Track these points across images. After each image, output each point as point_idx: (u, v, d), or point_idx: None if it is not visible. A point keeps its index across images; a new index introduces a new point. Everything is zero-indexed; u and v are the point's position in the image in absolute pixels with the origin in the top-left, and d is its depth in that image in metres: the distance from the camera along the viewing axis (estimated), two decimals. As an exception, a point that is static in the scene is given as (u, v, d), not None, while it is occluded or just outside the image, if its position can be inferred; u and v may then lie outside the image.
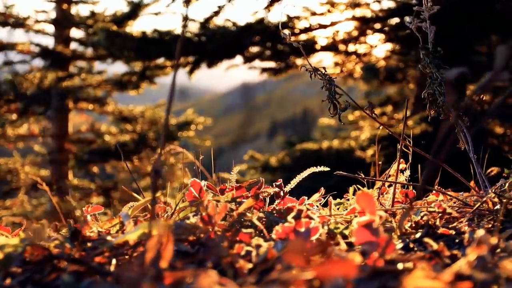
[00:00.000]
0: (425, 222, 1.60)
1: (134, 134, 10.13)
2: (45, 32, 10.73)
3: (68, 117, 10.66)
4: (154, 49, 6.19)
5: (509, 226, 1.59)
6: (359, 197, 1.36)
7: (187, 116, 10.88)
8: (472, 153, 1.99)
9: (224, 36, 5.85)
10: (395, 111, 9.70)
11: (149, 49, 6.21)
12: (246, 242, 1.48)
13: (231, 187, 2.06)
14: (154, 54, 6.42)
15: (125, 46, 6.15)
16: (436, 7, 2.34)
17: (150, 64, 7.25)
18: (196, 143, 10.93)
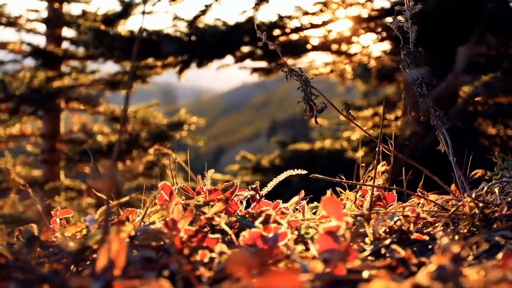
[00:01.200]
0: (398, 227, 1.56)
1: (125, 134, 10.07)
2: (36, 32, 10.68)
3: (60, 117, 10.61)
4: (142, 49, 6.13)
5: (485, 231, 1.54)
6: (325, 202, 1.32)
7: (180, 116, 10.84)
8: (451, 156, 1.95)
9: (214, 35, 5.80)
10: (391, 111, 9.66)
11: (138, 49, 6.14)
12: (213, 248, 1.43)
13: (206, 190, 2.02)
14: (142, 54, 6.36)
15: (113, 45, 6.09)
16: (418, 7, 2.30)
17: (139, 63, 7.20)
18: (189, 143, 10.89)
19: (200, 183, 4.26)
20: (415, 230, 1.58)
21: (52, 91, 8.89)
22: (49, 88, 8.82)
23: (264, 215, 1.49)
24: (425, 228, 1.64)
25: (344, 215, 1.27)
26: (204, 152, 67.77)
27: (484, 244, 1.40)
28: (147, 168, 9.77)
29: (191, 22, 5.92)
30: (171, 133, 10.30)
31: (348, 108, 1.83)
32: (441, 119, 2.07)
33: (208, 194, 1.99)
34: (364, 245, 1.51)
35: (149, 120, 10.57)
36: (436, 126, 2.03)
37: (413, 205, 1.83)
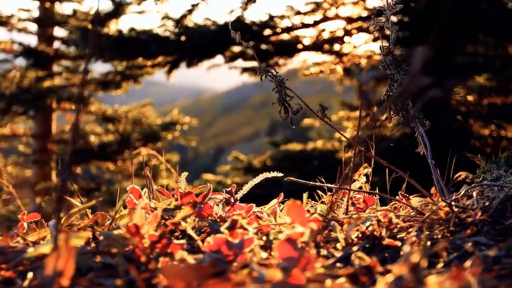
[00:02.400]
0: (370, 232, 1.51)
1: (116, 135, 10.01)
2: (28, 31, 10.62)
3: (52, 117, 10.54)
4: (130, 49, 6.08)
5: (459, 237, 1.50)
6: (289, 207, 1.27)
7: (172, 116, 10.78)
8: (430, 158, 1.91)
9: (203, 35, 5.75)
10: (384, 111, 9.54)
11: (126, 49, 6.10)
12: (177, 254, 1.39)
13: (180, 193, 1.98)
14: (131, 53, 6.31)
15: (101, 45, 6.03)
16: (399, 6, 2.26)
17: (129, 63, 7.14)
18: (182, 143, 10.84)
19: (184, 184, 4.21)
20: (387, 236, 1.53)
21: (42, 91, 8.82)
22: (39, 88, 8.76)
23: (230, 220, 1.44)
24: (399, 233, 1.59)
25: (308, 221, 1.22)
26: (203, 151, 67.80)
27: (450, 250, 1.36)
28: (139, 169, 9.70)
29: (178, 21, 5.87)
30: (164, 134, 10.25)
31: (324, 109, 1.79)
32: (421, 120, 2.03)
33: (181, 197, 1.95)
34: (335, 251, 1.47)
35: (142, 120, 10.52)
36: (415, 128, 1.99)
37: (388, 209, 1.79)
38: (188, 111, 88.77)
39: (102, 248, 1.42)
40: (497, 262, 1.26)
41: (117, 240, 1.41)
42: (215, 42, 5.96)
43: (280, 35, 6.64)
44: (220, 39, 5.95)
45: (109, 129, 10.59)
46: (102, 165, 10.23)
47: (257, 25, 6.25)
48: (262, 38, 6.53)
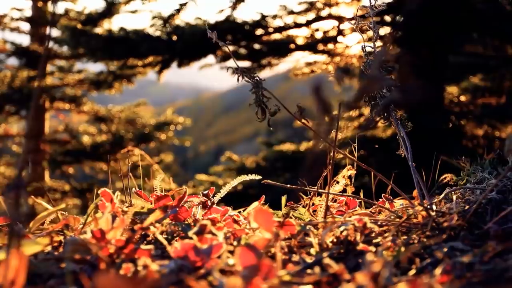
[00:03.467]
0: (344, 237, 1.47)
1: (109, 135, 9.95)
2: (20, 30, 10.56)
3: (45, 116, 10.48)
4: (120, 49, 6.03)
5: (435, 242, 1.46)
6: (256, 213, 1.23)
7: (166, 116, 10.72)
8: (410, 161, 1.87)
9: (193, 34, 5.70)
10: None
11: (115, 49, 6.05)
12: (144, 260, 1.35)
13: (156, 196, 1.94)
14: (120, 53, 6.25)
15: (90, 45, 5.99)
16: (383, 6, 2.23)
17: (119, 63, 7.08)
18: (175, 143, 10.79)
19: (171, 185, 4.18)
20: (362, 240, 1.49)
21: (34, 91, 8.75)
22: (30, 88, 8.70)
23: (199, 225, 1.40)
24: (375, 238, 1.55)
25: (274, 227, 1.18)
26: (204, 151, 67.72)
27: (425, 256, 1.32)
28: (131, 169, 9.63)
29: (166, 21, 5.82)
30: (157, 134, 10.19)
31: (301, 111, 1.75)
32: (402, 122, 1.99)
33: (157, 200, 1.91)
34: (308, 256, 1.43)
35: (136, 120, 10.46)
36: (397, 130, 1.96)
37: (366, 213, 1.75)
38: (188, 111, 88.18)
39: (66, 254, 1.37)
40: (471, 268, 1.22)
41: (82, 245, 1.36)
42: (206, 41, 5.90)
43: (272, 34, 6.60)
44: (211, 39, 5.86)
45: (102, 129, 10.53)
46: (95, 165, 10.18)
47: (249, 25, 6.20)
48: (254, 38, 6.49)
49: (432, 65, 6.54)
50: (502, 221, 1.56)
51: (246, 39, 6.31)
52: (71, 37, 6.21)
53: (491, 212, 1.61)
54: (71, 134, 10.42)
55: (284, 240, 1.54)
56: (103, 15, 8.68)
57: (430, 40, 6.45)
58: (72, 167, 10.24)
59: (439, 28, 6.21)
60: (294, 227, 1.55)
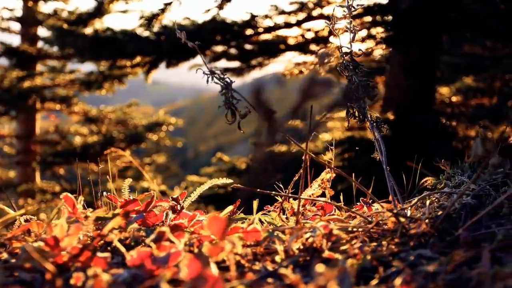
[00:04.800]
0: (309, 244, 1.43)
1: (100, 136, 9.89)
2: (11, 30, 10.49)
3: (35, 117, 10.41)
4: (107, 49, 5.96)
5: (404, 249, 1.42)
6: (209, 221, 1.18)
7: (158, 116, 10.66)
8: (385, 165, 1.82)
9: (181, 34, 5.60)
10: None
11: (102, 49, 5.99)
12: (102, 268, 1.30)
13: (124, 200, 1.88)
14: (107, 54, 6.19)
15: (77, 45, 5.92)
16: (360, 6, 2.18)
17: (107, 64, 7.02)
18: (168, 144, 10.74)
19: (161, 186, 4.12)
20: (329, 248, 1.45)
21: (23, 91, 8.69)
22: (20, 88, 8.63)
23: (157, 232, 1.35)
24: (343, 245, 1.51)
25: (227, 235, 1.13)
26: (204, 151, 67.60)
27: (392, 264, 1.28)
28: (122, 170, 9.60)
29: (150, 20, 5.75)
30: (148, 134, 10.13)
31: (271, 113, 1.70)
32: (378, 125, 1.95)
33: (125, 205, 1.86)
34: (271, 264, 1.38)
35: (127, 120, 10.39)
36: (372, 133, 1.91)
37: (337, 218, 1.70)
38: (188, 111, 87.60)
39: (19, 263, 1.32)
40: (435, 278, 1.18)
41: (35, 253, 1.31)
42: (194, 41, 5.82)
43: (262, 35, 6.55)
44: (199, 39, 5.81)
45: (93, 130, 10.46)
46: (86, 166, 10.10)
47: (238, 25, 6.15)
48: (244, 38, 6.43)
49: (422, 66, 6.51)
50: (475, 227, 1.52)
51: (235, 39, 6.26)
52: (57, 37, 6.16)
53: (464, 218, 1.57)
54: (61, 135, 10.35)
55: (250, 247, 1.50)
56: (93, 15, 8.62)
57: (421, 40, 6.41)
58: (63, 168, 10.17)
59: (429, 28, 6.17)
60: (260, 233, 1.51)
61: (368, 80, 2.01)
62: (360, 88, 1.98)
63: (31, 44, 10.45)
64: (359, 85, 1.99)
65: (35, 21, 10.26)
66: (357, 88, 1.98)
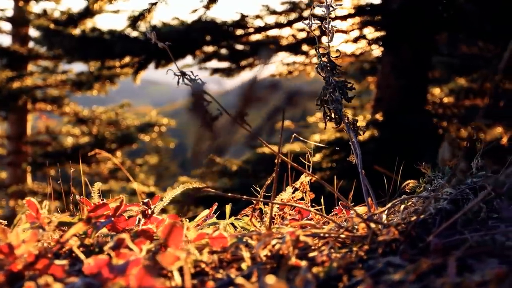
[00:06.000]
0: (275, 251, 1.38)
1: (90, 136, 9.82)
2: (2, 30, 10.42)
3: (27, 118, 10.34)
4: (94, 49, 5.91)
5: (373, 256, 1.37)
6: (165, 228, 1.14)
7: (151, 117, 10.60)
8: (360, 168, 1.78)
9: (168, 35, 5.58)
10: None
11: (89, 49, 5.94)
12: (58, 276, 1.26)
13: (94, 205, 1.84)
14: (95, 54, 6.14)
15: (64, 45, 5.87)
16: (338, 5, 2.15)
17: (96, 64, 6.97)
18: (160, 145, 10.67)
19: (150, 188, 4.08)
20: (297, 254, 1.40)
21: (13, 92, 8.63)
22: (10, 89, 8.56)
23: (116, 239, 1.30)
24: (312, 251, 1.46)
25: (182, 244, 1.09)
26: (203, 151, 67.45)
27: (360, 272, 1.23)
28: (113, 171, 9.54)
29: (135, 20, 5.70)
30: (140, 135, 10.06)
31: (243, 115, 1.65)
32: (354, 127, 1.91)
33: (94, 209, 1.82)
34: (237, 272, 1.34)
35: (119, 121, 10.33)
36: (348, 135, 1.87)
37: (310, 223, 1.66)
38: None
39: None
40: (400, 287, 1.14)
41: (-9, 261, 1.27)
42: (183, 42, 5.81)
43: (253, 35, 6.51)
44: (189, 39, 5.80)
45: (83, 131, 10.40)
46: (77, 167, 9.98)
47: (228, 25, 6.10)
48: (234, 38, 6.39)
49: (414, 66, 6.47)
50: (449, 233, 1.48)
51: (226, 39, 6.22)
52: (44, 37, 6.10)
53: (439, 224, 1.53)
54: (51, 136, 10.28)
55: (217, 253, 1.46)
56: (84, 15, 8.56)
57: (412, 40, 6.38)
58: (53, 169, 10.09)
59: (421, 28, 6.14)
60: (226, 239, 1.47)
61: (345, 81, 1.98)
62: (337, 90, 1.94)
63: (22, 44, 10.38)
64: (335, 87, 1.95)
65: (26, 21, 10.19)
66: (334, 90, 1.94)
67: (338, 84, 1.97)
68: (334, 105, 1.91)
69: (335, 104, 1.91)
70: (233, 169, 7.46)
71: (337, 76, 1.97)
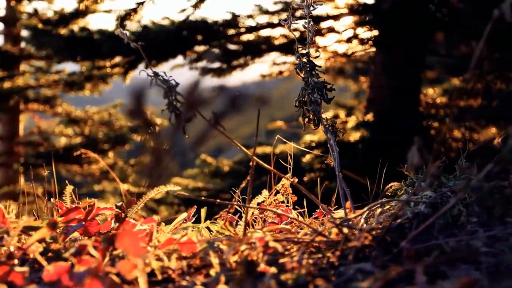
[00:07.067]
0: (243, 258, 1.35)
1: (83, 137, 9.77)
2: (-6, 30, 10.37)
3: (19, 118, 10.28)
4: (83, 49, 5.86)
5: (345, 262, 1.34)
6: (121, 236, 1.10)
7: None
8: (337, 171, 1.75)
9: (158, 35, 5.53)
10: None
11: (77, 49, 5.89)
12: (18, 284, 1.23)
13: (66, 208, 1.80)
14: (84, 54, 6.08)
15: (52, 45, 5.82)
16: (319, 4, 2.11)
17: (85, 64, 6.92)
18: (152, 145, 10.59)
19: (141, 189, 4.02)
20: (267, 260, 1.37)
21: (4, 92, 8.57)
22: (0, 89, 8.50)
23: (78, 245, 1.27)
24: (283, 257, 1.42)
25: (141, 252, 1.05)
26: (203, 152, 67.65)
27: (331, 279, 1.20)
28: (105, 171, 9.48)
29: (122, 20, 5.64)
30: (133, 136, 10.01)
31: (216, 117, 1.62)
32: (333, 129, 1.87)
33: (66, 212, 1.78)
34: (202, 279, 1.31)
35: (112, 122, 10.27)
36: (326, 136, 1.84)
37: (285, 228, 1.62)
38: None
39: None
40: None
41: None
42: (174, 42, 5.76)
43: (245, 34, 6.47)
44: (180, 39, 5.75)
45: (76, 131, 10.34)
46: (70, 168, 10.00)
47: (219, 25, 6.06)
48: (226, 38, 6.35)
49: (406, 66, 6.44)
50: (425, 238, 1.45)
51: (217, 39, 6.18)
52: (33, 36, 6.06)
53: (415, 228, 1.49)
54: (43, 136, 10.23)
55: (186, 259, 1.42)
56: (76, 15, 8.49)
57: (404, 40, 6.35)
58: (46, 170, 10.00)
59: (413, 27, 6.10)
60: (195, 245, 1.43)
61: (325, 82, 1.94)
62: (316, 91, 1.91)
63: (14, 44, 10.33)
64: (314, 87, 1.91)
65: (18, 20, 10.13)
66: (313, 91, 1.91)
67: (317, 85, 1.93)
68: (312, 107, 1.88)
69: (313, 106, 1.87)
70: (226, 170, 7.43)
71: (316, 77, 1.94)
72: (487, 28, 0.95)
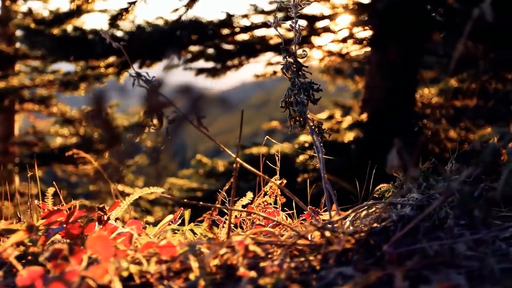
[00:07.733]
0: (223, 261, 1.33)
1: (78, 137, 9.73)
2: (-10, 30, 10.33)
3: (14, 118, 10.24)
4: (76, 49, 5.83)
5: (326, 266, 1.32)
6: (92, 240, 1.08)
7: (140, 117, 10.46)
8: (323, 173, 1.73)
9: (151, 35, 5.51)
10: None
11: (70, 49, 5.86)
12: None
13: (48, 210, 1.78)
14: (77, 54, 6.05)
15: (45, 45, 5.79)
16: (307, 4, 2.09)
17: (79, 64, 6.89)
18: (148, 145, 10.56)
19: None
20: (247, 264, 1.35)
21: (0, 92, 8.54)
22: (-5, 89, 8.49)
23: (52, 249, 1.24)
24: (264, 261, 1.40)
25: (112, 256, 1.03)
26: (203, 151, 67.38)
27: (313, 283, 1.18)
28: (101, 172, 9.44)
29: (114, 20, 5.62)
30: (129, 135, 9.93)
31: (199, 117, 1.60)
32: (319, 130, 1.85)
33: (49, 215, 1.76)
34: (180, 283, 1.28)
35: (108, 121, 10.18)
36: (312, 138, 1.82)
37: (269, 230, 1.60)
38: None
39: None
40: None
41: None
42: (167, 42, 5.74)
43: (240, 34, 6.45)
44: (174, 39, 5.72)
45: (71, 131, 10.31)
46: (65, 168, 9.96)
47: (214, 24, 6.04)
48: (220, 38, 6.32)
49: (402, 66, 6.42)
50: (410, 241, 1.42)
51: (212, 39, 6.15)
52: (25, 36, 6.03)
53: (399, 231, 1.47)
54: (38, 137, 10.19)
55: (166, 263, 1.40)
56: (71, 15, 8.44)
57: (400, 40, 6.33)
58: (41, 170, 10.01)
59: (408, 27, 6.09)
60: (175, 248, 1.41)
61: (311, 82, 1.93)
62: (302, 91, 1.89)
63: (9, 44, 10.29)
64: (300, 88, 1.89)
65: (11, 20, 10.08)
66: (299, 91, 1.89)
67: (303, 86, 1.91)
68: (298, 108, 1.86)
69: (299, 107, 1.86)
70: (220, 170, 7.41)
71: (303, 77, 1.92)
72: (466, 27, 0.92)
